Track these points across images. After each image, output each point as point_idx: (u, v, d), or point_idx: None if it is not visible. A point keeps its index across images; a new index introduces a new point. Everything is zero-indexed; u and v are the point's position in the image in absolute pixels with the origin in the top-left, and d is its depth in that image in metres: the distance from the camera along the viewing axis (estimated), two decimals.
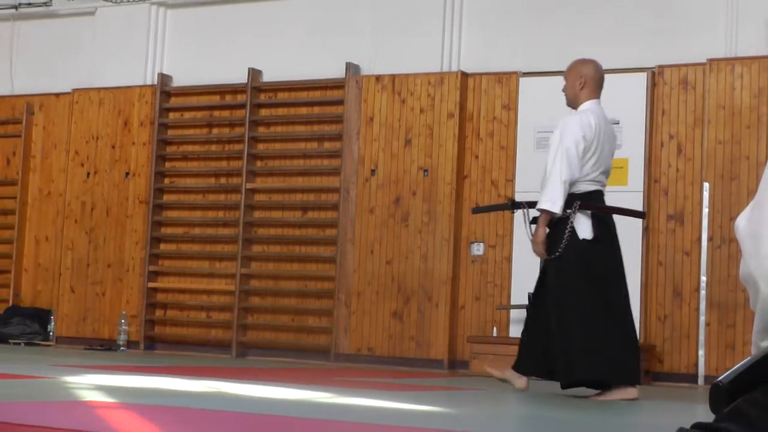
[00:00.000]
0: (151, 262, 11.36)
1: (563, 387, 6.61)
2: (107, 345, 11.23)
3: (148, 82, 11.62)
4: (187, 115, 11.56)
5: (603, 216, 6.73)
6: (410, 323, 10.07)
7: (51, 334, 11.72)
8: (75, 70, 12.02)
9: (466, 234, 10.10)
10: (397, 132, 10.34)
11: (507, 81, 10.08)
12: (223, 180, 11.31)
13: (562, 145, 6.55)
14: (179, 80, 11.62)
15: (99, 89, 11.76)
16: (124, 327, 11.14)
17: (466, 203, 10.11)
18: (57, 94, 12.16)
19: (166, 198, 11.49)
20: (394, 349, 10.10)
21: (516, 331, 9.61)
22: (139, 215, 11.44)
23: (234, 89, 11.27)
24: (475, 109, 10.20)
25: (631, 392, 6.44)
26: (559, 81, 9.61)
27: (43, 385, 5.45)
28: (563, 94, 6.92)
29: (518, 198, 9.73)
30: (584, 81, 6.75)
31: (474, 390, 6.99)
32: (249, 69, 11.05)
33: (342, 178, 10.53)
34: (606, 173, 6.76)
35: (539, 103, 9.81)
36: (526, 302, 9.38)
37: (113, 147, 11.63)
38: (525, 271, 9.66)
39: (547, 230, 6.60)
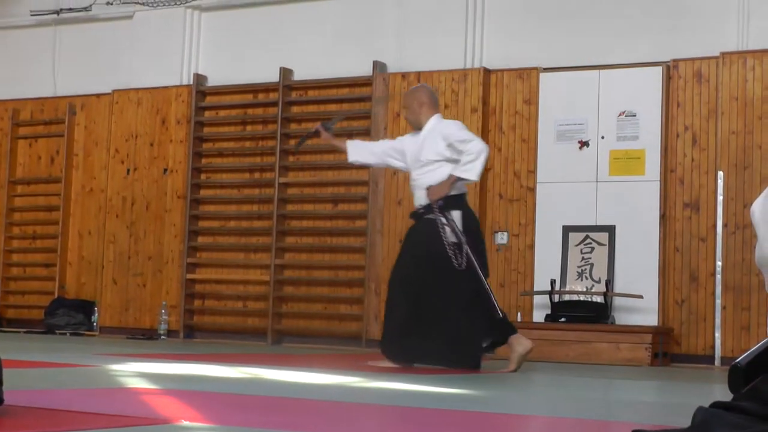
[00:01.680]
0: (189, 254, 11.57)
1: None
2: (148, 334, 11.42)
3: (185, 82, 11.82)
4: (222, 113, 11.77)
5: (469, 219, 7.40)
6: None
7: (95, 324, 11.93)
8: (114, 71, 12.24)
9: (490, 224, 10.35)
10: None
11: (528, 76, 10.33)
12: (257, 175, 11.53)
13: (467, 131, 7.38)
14: (214, 80, 11.83)
15: (137, 89, 11.98)
16: (164, 317, 11.35)
17: (490, 194, 10.37)
18: (98, 95, 12.39)
19: (203, 193, 11.70)
20: None
21: (539, 316, 9.93)
22: (177, 210, 11.68)
23: (266, 88, 11.46)
24: (498, 103, 10.45)
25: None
26: (579, 76, 10.04)
27: (88, 373, 5.50)
28: (408, 121, 7.64)
29: (540, 190, 10.09)
30: (422, 103, 7.47)
31: (500, 373, 7.06)
32: (280, 68, 11.26)
33: (370, 172, 10.72)
34: None
35: (559, 97, 10.05)
36: (549, 289, 9.75)
37: (152, 145, 11.89)
38: (547, 258, 9.99)
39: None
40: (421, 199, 7.34)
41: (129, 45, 12.24)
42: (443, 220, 7.20)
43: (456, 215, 7.26)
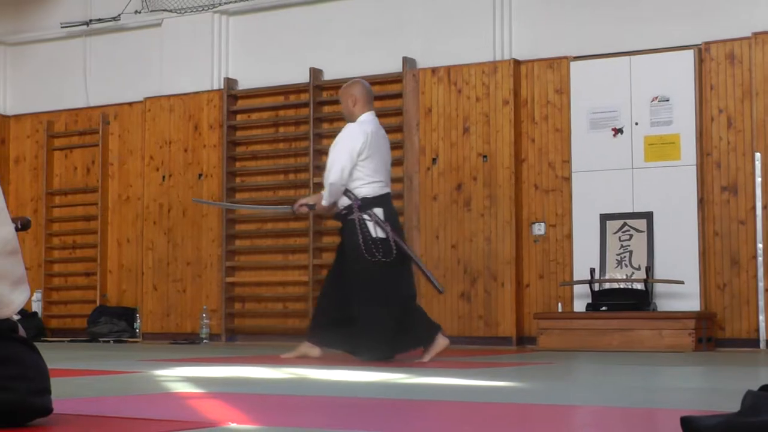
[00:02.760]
0: (227, 258, 11.62)
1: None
2: (191, 339, 11.47)
3: (215, 87, 11.88)
4: (254, 116, 11.81)
5: (390, 216, 7.62)
6: (477, 303, 10.32)
7: (137, 330, 12.01)
8: (145, 79, 12.31)
9: (526, 215, 10.35)
10: (455, 121, 10.62)
11: (558, 66, 10.33)
12: (291, 176, 11.55)
13: (338, 153, 7.56)
14: (244, 83, 11.87)
15: (169, 96, 12.05)
16: (205, 321, 11.39)
17: (525, 185, 10.37)
18: (130, 104, 12.48)
19: (238, 196, 11.72)
20: (463, 329, 10.33)
21: (580, 305, 9.92)
22: (214, 214, 11.72)
23: (297, 89, 11.50)
24: (529, 94, 10.44)
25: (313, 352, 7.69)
26: (609, 63, 10.01)
27: (134, 380, 5.53)
28: (344, 116, 7.92)
29: (576, 179, 10.07)
30: (355, 99, 7.69)
31: (544, 364, 7.07)
32: (310, 69, 11.30)
33: (404, 168, 10.77)
34: (388, 172, 7.73)
35: (590, 85, 10.04)
36: (588, 278, 9.73)
37: (185, 150, 11.96)
38: (585, 247, 9.97)
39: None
40: (343, 200, 7.64)
41: (159, 52, 12.31)
42: (366, 217, 7.45)
43: (378, 212, 7.52)
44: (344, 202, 7.58)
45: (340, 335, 7.53)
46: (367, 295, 7.41)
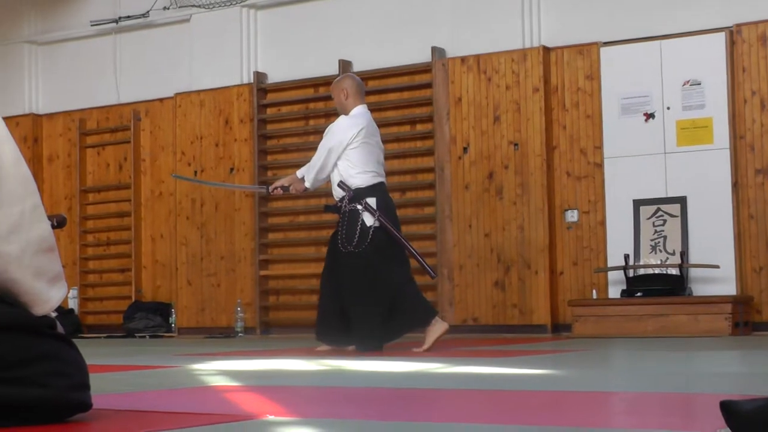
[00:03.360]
0: (260, 251, 11.65)
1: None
2: (226, 333, 11.50)
3: (245, 81, 11.90)
4: (284, 109, 11.83)
5: (384, 204, 7.71)
6: (512, 292, 10.32)
7: (173, 325, 12.07)
8: (175, 75, 12.37)
9: (559, 202, 10.34)
10: (485, 110, 10.61)
11: (588, 52, 10.29)
12: None
13: (326, 144, 7.73)
14: (274, 77, 11.89)
15: (199, 92, 12.10)
16: (240, 314, 11.42)
17: (557, 173, 10.35)
18: (161, 100, 12.54)
19: None
20: (498, 318, 10.34)
21: (615, 292, 9.90)
22: (246, 208, 11.77)
23: (326, 81, 11.32)
24: (559, 81, 10.41)
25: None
26: (639, 48, 9.98)
27: (171, 374, 5.52)
28: (337, 110, 8.07)
29: (608, 165, 10.04)
30: (347, 92, 7.84)
31: (579, 351, 7.06)
32: (339, 61, 11.29)
33: (436, 158, 10.78)
34: (381, 165, 7.83)
35: (621, 71, 10.00)
36: (623, 264, 9.70)
37: (217, 145, 12.00)
38: (619, 234, 9.94)
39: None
40: (337, 192, 7.80)
41: (188, 48, 12.36)
42: (359, 207, 7.58)
43: (371, 201, 7.63)
44: (338, 193, 7.75)
45: (342, 331, 7.62)
46: (359, 284, 7.53)
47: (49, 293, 2.85)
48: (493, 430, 2.74)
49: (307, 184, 7.89)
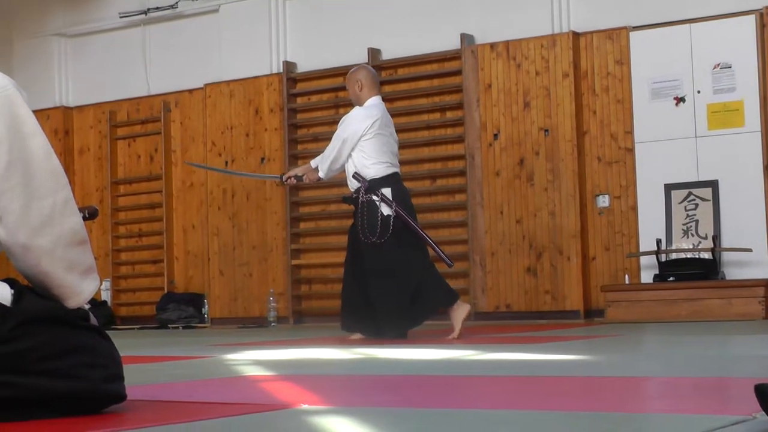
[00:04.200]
0: (292, 240, 11.67)
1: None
2: (259, 322, 11.53)
3: (275, 71, 11.91)
4: (314, 98, 11.83)
5: (399, 194, 7.77)
6: (544, 278, 10.31)
7: (206, 316, 12.11)
8: (205, 66, 12.39)
9: (590, 188, 10.31)
10: (515, 96, 10.59)
11: (617, 37, 10.24)
12: None
13: (341, 135, 7.79)
14: (303, 66, 11.90)
15: (229, 82, 12.11)
16: (272, 304, 11.44)
17: (587, 158, 10.33)
18: (190, 90, 12.56)
19: None
20: (530, 304, 10.33)
21: (647, 277, 9.86)
22: (278, 198, 11.78)
23: None
24: (589, 66, 10.37)
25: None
26: (669, 32, 9.92)
27: (205, 364, 5.51)
28: (352, 101, 8.13)
29: (639, 150, 10.01)
30: (361, 84, 7.87)
31: (612, 336, 7.06)
32: (368, 49, 11.28)
33: (466, 145, 10.77)
34: (395, 155, 7.87)
35: (650, 55, 9.96)
36: (655, 249, 9.67)
37: (247, 135, 12.02)
38: (651, 218, 9.90)
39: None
40: (352, 183, 7.86)
41: (217, 38, 12.38)
42: (374, 197, 7.65)
43: (386, 191, 7.69)
44: (354, 184, 7.80)
45: (367, 320, 7.66)
46: (383, 273, 7.60)
47: (81, 285, 2.86)
48: (527, 416, 2.74)
49: (321, 174, 7.97)
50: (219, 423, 2.80)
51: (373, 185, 7.69)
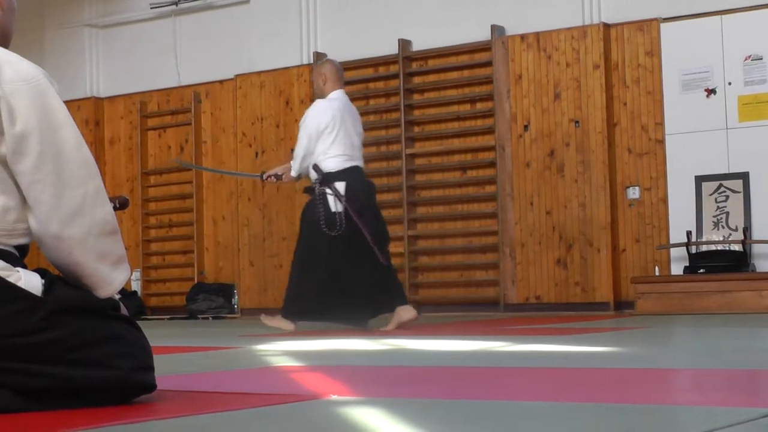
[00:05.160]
0: None
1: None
2: None
3: (305, 62, 11.90)
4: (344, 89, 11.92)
5: (354, 189, 7.87)
6: (574, 269, 10.29)
7: (235, 306, 12.15)
8: (235, 57, 12.41)
9: (620, 179, 10.28)
10: (545, 87, 10.56)
11: (648, 28, 10.20)
12: (383, 148, 11.56)
13: (305, 130, 7.89)
14: (333, 57, 11.81)
15: (259, 73, 12.12)
16: None
17: (618, 150, 10.30)
18: (221, 81, 12.60)
19: None
20: (560, 296, 10.33)
21: (677, 269, 9.83)
22: None
23: (386, 61, 11.49)
24: (620, 58, 10.33)
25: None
26: (700, 23, 9.86)
27: (234, 355, 5.54)
28: (315, 94, 8.24)
29: (670, 142, 9.97)
30: (325, 77, 7.99)
31: (642, 329, 7.04)
32: (399, 40, 11.27)
33: (496, 136, 10.75)
34: (355, 147, 7.99)
35: (681, 46, 9.93)
36: (685, 241, 9.63)
37: (277, 126, 12.03)
38: (681, 210, 9.87)
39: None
40: (312, 174, 7.97)
41: (247, 29, 12.39)
42: (327, 191, 7.77)
43: (340, 186, 7.79)
44: (313, 175, 7.91)
45: (330, 309, 7.93)
46: (338, 266, 7.79)
47: (112, 275, 2.88)
48: (556, 408, 2.74)
49: (293, 173, 8.08)
50: (248, 413, 2.80)
51: (327, 178, 7.82)
